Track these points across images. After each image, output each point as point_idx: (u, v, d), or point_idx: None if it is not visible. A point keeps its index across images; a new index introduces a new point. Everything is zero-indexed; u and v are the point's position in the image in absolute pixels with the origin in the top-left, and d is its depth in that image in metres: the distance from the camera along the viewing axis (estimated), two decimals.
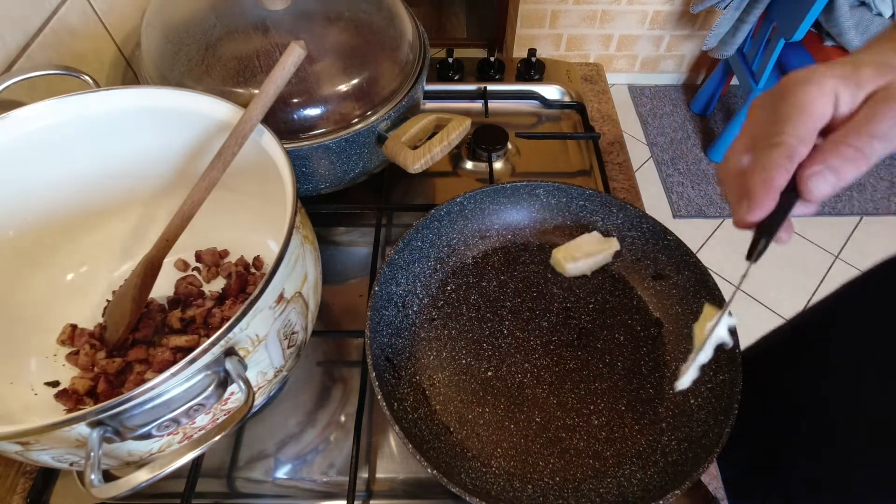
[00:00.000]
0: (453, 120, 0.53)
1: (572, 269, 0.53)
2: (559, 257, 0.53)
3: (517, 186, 0.54)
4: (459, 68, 0.77)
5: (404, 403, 0.44)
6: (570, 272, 0.54)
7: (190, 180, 0.43)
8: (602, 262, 0.54)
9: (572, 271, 0.53)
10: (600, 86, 0.79)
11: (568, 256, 0.53)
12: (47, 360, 0.45)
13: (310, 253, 0.41)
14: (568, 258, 0.53)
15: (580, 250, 0.53)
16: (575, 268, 0.53)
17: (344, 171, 0.55)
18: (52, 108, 0.40)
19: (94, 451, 0.28)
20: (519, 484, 0.42)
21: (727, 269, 1.64)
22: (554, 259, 0.54)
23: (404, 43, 0.55)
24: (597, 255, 0.53)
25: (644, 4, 1.93)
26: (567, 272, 0.54)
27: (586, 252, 0.53)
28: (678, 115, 2.10)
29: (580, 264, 0.53)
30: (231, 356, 0.31)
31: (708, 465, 0.38)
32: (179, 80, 0.49)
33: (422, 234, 0.52)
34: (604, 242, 0.53)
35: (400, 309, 0.50)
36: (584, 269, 0.54)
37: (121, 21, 0.60)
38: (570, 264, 0.53)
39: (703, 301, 0.48)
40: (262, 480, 0.46)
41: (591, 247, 0.53)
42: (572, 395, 0.47)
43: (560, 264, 0.54)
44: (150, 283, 0.45)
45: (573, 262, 0.52)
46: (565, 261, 0.53)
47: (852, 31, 1.40)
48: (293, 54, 0.40)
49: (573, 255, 0.53)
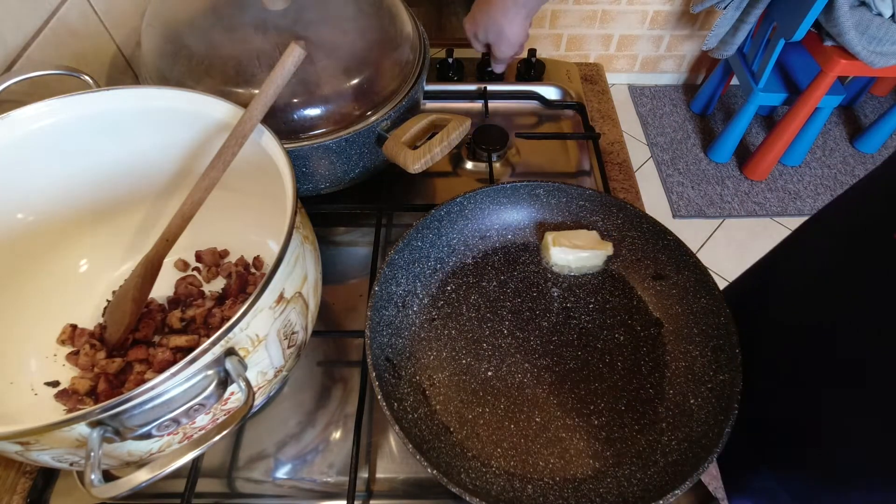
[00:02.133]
0: (453, 120, 0.53)
1: (557, 256, 0.53)
2: (549, 240, 0.53)
3: (517, 186, 0.54)
4: (459, 68, 0.77)
5: (404, 403, 0.44)
6: (553, 258, 0.53)
7: (190, 180, 0.43)
8: (590, 262, 0.53)
9: (556, 258, 0.53)
10: (600, 86, 0.79)
11: (556, 241, 0.53)
12: (47, 360, 0.45)
13: (310, 253, 0.41)
14: (556, 242, 0.53)
15: (571, 240, 0.53)
16: (560, 255, 0.52)
17: (344, 171, 0.55)
18: (52, 108, 0.40)
19: (94, 451, 0.28)
20: (519, 484, 0.42)
21: (727, 270, 1.64)
22: (544, 242, 0.54)
23: (404, 43, 0.55)
24: (586, 251, 0.52)
25: (644, 4, 1.94)
26: (551, 258, 0.53)
27: (576, 244, 0.52)
28: (678, 115, 2.10)
29: (567, 255, 0.52)
30: (231, 356, 0.31)
31: (708, 465, 0.38)
32: (179, 80, 0.49)
33: (422, 234, 0.52)
34: (599, 243, 0.53)
35: (400, 309, 0.50)
36: (568, 262, 0.53)
37: (121, 21, 0.60)
38: (555, 249, 0.52)
39: (703, 301, 0.48)
40: (262, 480, 0.45)
41: (584, 241, 0.53)
42: (572, 395, 0.47)
43: (546, 247, 0.54)
44: (150, 283, 0.45)
45: (559, 247, 0.52)
46: (553, 244, 0.53)
47: (852, 31, 1.40)
48: (293, 54, 0.40)
49: (561, 242, 0.53)
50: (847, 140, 2.01)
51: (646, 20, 1.99)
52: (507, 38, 0.66)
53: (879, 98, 2.14)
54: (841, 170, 1.92)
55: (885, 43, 1.40)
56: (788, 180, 1.88)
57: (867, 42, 1.42)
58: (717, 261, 1.68)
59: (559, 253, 0.53)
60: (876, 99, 2.14)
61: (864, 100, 2.13)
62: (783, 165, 1.92)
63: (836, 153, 1.97)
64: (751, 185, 1.87)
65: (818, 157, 1.96)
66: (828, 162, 1.94)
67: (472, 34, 0.69)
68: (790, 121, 1.68)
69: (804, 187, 1.87)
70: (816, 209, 0.71)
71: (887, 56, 1.43)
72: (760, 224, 1.78)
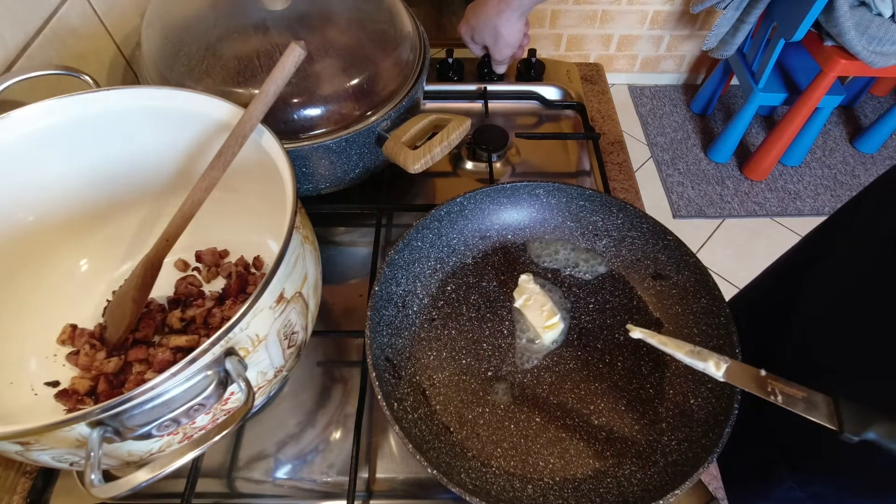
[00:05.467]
0: (453, 120, 0.53)
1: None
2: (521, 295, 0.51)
3: (517, 186, 0.54)
4: (459, 68, 0.77)
5: (404, 403, 0.44)
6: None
7: (190, 180, 0.43)
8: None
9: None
10: (600, 86, 0.79)
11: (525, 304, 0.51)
12: (47, 360, 0.45)
13: (310, 253, 0.41)
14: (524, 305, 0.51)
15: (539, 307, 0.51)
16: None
17: (344, 171, 0.55)
18: (52, 108, 0.40)
19: (94, 451, 0.28)
20: (519, 484, 0.42)
21: (727, 269, 1.64)
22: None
23: (404, 43, 0.55)
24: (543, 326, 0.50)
25: (644, 4, 1.94)
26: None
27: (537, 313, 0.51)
28: (678, 115, 2.10)
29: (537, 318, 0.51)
30: (231, 356, 0.31)
31: (708, 465, 0.38)
32: (179, 80, 0.49)
33: (422, 234, 0.52)
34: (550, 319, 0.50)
35: (400, 309, 0.50)
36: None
37: (121, 21, 0.60)
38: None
39: (703, 301, 0.48)
40: (262, 480, 0.45)
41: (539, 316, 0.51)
42: (572, 395, 0.47)
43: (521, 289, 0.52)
44: (150, 283, 0.45)
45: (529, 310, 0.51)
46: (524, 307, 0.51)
47: (852, 31, 1.40)
48: (293, 54, 0.40)
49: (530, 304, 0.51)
50: (847, 140, 2.01)
51: (646, 20, 1.99)
52: (503, 38, 0.66)
53: (879, 98, 2.14)
54: (841, 170, 1.92)
55: (885, 43, 1.40)
56: (788, 180, 1.88)
57: (867, 42, 1.42)
58: (717, 261, 1.68)
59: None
60: (876, 99, 2.14)
61: (864, 100, 2.13)
62: (783, 165, 1.92)
63: (836, 153, 1.97)
64: (751, 185, 1.87)
65: (818, 157, 1.96)
66: (828, 162, 1.94)
67: (469, 38, 0.69)
68: (790, 121, 1.68)
69: (804, 187, 1.87)
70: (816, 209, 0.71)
71: (887, 56, 1.43)
72: (760, 224, 1.78)
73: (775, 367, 0.37)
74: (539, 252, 0.56)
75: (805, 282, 0.55)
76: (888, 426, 0.32)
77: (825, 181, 1.89)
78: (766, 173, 1.86)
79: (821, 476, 0.51)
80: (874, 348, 0.44)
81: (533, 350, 0.50)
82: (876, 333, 0.44)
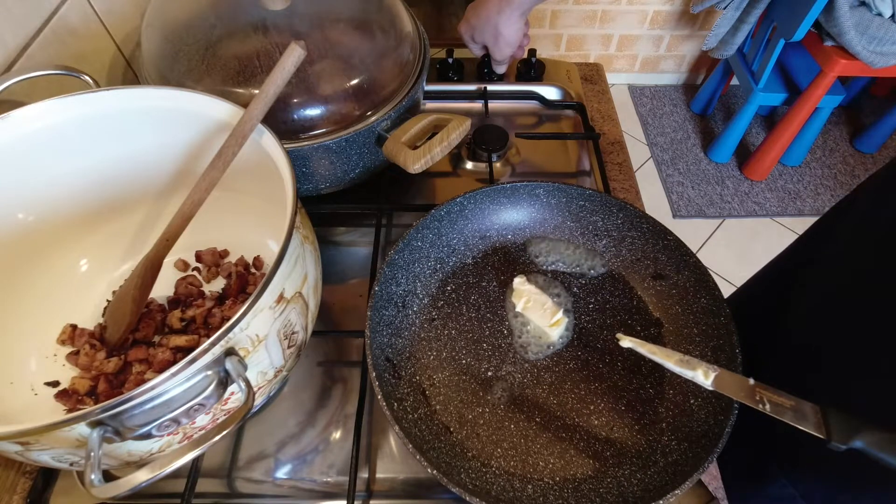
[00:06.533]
0: (453, 120, 0.53)
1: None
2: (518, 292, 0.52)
3: (517, 186, 0.54)
4: (459, 68, 0.77)
5: (404, 403, 0.44)
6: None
7: (190, 180, 0.43)
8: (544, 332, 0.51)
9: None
10: (600, 86, 0.79)
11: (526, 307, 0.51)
12: (47, 360, 0.45)
13: (310, 253, 0.41)
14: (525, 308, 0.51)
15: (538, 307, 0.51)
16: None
17: (344, 171, 0.55)
18: (52, 108, 0.40)
19: (94, 451, 0.28)
20: (519, 484, 0.42)
21: (727, 269, 1.64)
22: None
23: (404, 43, 0.55)
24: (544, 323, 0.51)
25: (644, 4, 1.94)
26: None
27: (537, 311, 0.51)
28: (678, 115, 2.10)
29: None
30: (231, 356, 0.31)
31: (708, 465, 0.38)
32: (179, 80, 0.49)
33: (422, 234, 0.52)
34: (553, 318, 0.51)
35: (400, 309, 0.50)
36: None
37: (121, 21, 0.60)
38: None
39: (703, 301, 0.48)
40: (262, 480, 0.45)
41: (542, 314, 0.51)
42: (572, 395, 0.47)
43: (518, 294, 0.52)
44: (150, 283, 0.45)
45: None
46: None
47: (852, 31, 1.40)
48: (293, 54, 0.40)
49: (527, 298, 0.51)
50: (847, 140, 2.01)
51: (646, 20, 1.99)
52: (503, 37, 0.66)
53: (879, 98, 2.14)
54: (841, 170, 1.92)
55: (886, 43, 1.40)
56: (788, 180, 1.88)
57: (867, 42, 1.42)
58: (717, 261, 1.68)
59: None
60: (876, 99, 2.14)
61: (864, 100, 2.13)
62: (783, 165, 1.92)
63: (836, 153, 1.97)
64: (751, 185, 1.87)
65: (818, 157, 1.96)
66: (828, 162, 1.94)
67: (469, 37, 0.69)
68: (790, 121, 1.68)
69: (804, 187, 1.87)
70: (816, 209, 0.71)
71: (887, 56, 1.43)
72: (760, 224, 1.78)
73: (769, 367, 0.37)
74: (539, 252, 0.56)
75: (800, 280, 0.55)
76: (874, 436, 0.33)
77: (825, 181, 1.89)
78: (766, 173, 1.86)
79: (812, 473, 0.51)
80: (870, 345, 0.44)
81: (536, 349, 0.50)
82: (872, 329, 0.44)
